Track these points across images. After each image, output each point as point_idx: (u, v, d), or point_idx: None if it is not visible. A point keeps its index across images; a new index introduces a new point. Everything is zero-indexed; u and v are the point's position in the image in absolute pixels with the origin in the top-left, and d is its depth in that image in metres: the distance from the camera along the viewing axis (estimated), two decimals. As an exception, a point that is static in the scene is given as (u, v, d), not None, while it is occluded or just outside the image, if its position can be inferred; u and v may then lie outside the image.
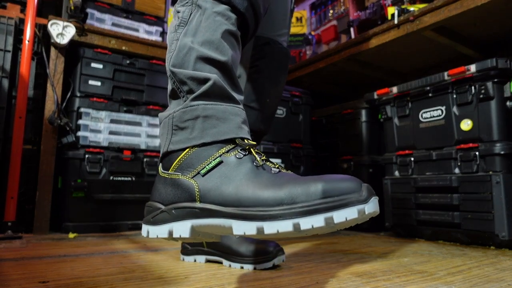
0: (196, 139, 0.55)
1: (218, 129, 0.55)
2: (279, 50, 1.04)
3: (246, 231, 0.47)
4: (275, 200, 0.47)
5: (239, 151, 0.54)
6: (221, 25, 0.61)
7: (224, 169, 0.52)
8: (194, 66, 0.58)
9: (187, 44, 0.60)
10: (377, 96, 1.71)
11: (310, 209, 0.45)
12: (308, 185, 0.46)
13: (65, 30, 1.59)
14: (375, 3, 1.82)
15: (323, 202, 0.45)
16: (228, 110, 0.57)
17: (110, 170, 1.66)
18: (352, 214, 0.44)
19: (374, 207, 0.46)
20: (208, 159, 0.53)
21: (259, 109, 1.02)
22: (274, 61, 1.03)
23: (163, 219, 0.54)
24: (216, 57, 0.59)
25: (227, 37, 0.62)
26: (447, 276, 0.83)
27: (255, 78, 1.01)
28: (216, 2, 0.63)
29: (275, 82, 1.04)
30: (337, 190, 0.45)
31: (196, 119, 0.56)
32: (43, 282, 0.73)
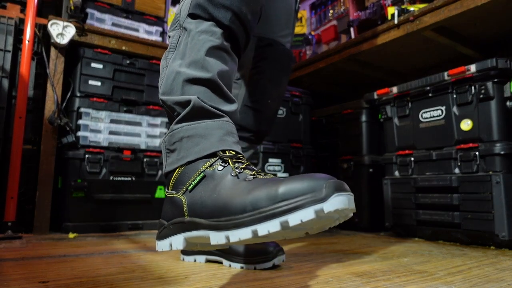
0: (183, 159, 0.58)
1: (201, 146, 0.58)
2: (281, 51, 1.04)
3: (218, 241, 0.49)
4: (240, 208, 0.48)
5: (220, 163, 0.56)
6: (206, 43, 0.63)
7: (207, 182, 0.55)
8: (182, 89, 0.62)
9: (174, 69, 0.64)
10: (377, 96, 1.71)
11: (267, 214, 0.45)
12: (269, 189, 0.47)
13: (65, 30, 1.59)
14: (375, 3, 1.82)
15: (279, 206, 0.45)
16: (210, 126, 0.59)
17: (110, 170, 1.66)
18: (307, 215, 0.43)
19: (337, 204, 0.43)
20: (194, 175, 0.56)
21: (260, 110, 1.02)
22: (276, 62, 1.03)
23: (165, 234, 0.59)
24: (202, 76, 0.61)
25: (214, 52, 0.63)
26: (447, 276, 0.83)
27: (257, 79, 1.01)
28: (200, 21, 0.65)
29: (277, 83, 1.04)
30: (294, 192, 0.45)
31: (181, 140, 0.59)
32: (43, 282, 0.73)
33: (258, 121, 1.02)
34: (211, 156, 0.57)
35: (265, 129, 1.03)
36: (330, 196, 0.43)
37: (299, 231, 0.47)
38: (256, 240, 0.47)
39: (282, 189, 0.46)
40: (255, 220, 0.46)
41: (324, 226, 0.48)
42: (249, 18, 0.69)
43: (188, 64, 0.63)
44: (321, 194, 0.44)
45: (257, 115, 1.02)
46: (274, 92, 1.03)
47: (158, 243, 0.60)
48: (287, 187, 0.46)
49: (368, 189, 1.82)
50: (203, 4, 0.65)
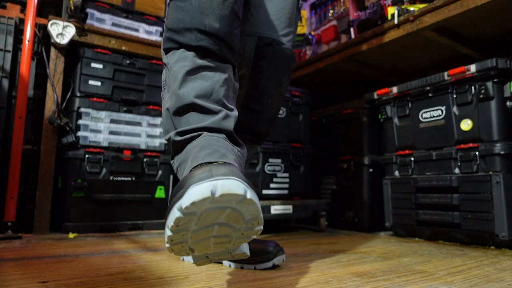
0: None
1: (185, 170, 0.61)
2: (282, 51, 1.04)
3: None
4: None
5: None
6: (180, 71, 0.67)
7: None
8: (173, 123, 0.67)
9: (164, 107, 0.69)
10: (377, 96, 1.71)
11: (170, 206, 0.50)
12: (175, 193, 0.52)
13: (65, 30, 1.59)
14: (375, 3, 1.82)
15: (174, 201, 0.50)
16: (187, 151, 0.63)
17: (110, 170, 1.66)
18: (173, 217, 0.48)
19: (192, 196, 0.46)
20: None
21: (260, 110, 1.01)
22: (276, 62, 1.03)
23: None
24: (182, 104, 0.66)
25: (190, 76, 0.67)
26: (447, 276, 0.83)
27: (257, 79, 1.01)
28: (173, 52, 0.69)
29: (277, 83, 1.03)
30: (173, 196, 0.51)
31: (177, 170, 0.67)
32: (43, 282, 0.73)
33: (258, 122, 1.01)
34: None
35: (265, 130, 1.03)
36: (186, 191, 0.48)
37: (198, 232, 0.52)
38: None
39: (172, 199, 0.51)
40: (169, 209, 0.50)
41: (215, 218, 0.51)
42: (217, 26, 0.69)
43: (170, 96, 0.68)
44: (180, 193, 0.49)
45: (257, 115, 1.01)
46: (274, 92, 1.03)
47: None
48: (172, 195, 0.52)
49: (368, 189, 1.82)
50: (169, 36, 0.69)
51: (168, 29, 0.70)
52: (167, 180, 1.80)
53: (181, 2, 0.70)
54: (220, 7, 0.71)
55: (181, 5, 0.69)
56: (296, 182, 1.83)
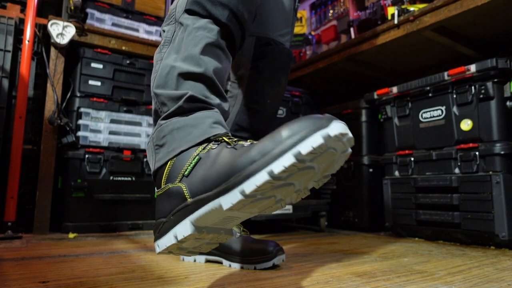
0: (175, 150, 0.57)
1: (193, 135, 0.57)
2: (280, 51, 1.04)
3: (232, 201, 0.47)
4: (247, 161, 0.47)
5: (213, 144, 0.56)
6: (202, 40, 0.63)
7: (203, 162, 0.54)
8: (176, 83, 0.61)
9: (169, 63, 0.63)
10: (377, 96, 1.71)
11: (278, 152, 0.44)
12: (273, 137, 0.46)
13: (65, 30, 1.59)
14: (375, 3, 1.82)
15: (288, 142, 0.44)
16: (199, 116, 0.59)
17: (110, 170, 1.66)
18: (316, 140, 0.43)
19: (340, 128, 0.44)
20: (189, 160, 0.55)
21: (259, 110, 1.01)
22: (274, 62, 1.03)
23: (166, 228, 0.55)
24: (197, 71, 0.61)
25: (210, 49, 0.64)
26: (447, 276, 0.83)
27: (256, 78, 1.01)
28: (197, 17, 0.65)
29: (276, 83, 1.03)
30: (297, 128, 0.44)
31: (171, 132, 0.59)
32: (43, 282, 0.73)
33: (257, 122, 1.01)
34: (203, 142, 0.57)
35: (265, 130, 1.03)
36: (331, 122, 0.44)
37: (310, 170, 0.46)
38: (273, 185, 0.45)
39: (286, 131, 0.45)
40: (267, 162, 0.44)
41: (331, 160, 0.48)
42: (246, 17, 0.69)
43: (183, 58, 0.62)
44: (323, 123, 0.44)
45: (256, 115, 1.01)
46: (273, 92, 1.03)
47: (159, 243, 0.55)
48: (289, 128, 0.45)
49: (368, 189, 1.82)
50: (201, 1, 0.65)
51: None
52: (167, 180, 1.80)
53: None
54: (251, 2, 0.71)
55: None
56: (296, 182, 1.83)
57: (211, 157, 0.53)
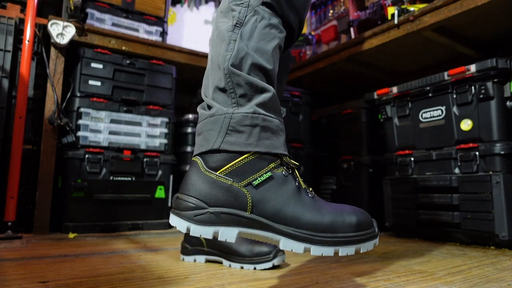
0: (251, 146, 0.56)
1: (271, 142, 0.57)
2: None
3: (294, 249, 0.55)
4: (321, 227, 0.55)
5: (285, 168, 0.58)
6: (275, 38, 0.64)
7: (273, 184, 0.56)
8: (248, 71, 0.60)
9: (244, 48, 0.61)
10: (377, 96, 1.71)
11: (347, 240, 0.55)
12: (344, 217, 0.56)
13: (65, 30, 1.59)
14: (375, 3, 1.82)
15: (356, 235, 0.56)
16: (280, 126, 0.60)
17: (110, 170, 1.66)
18: (370, 246, 0.57)
19: (378, 240, 0.59)
20: (261, 171, 0.56)
21: None
22: None
23: (210, 220, 0.54)
24: (268, 67, 0.61)
25: (276, 50, 0.64)
26: (447, 276, 0.83)
27: None
28: (273, 14, 0.65)
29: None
30: (364, 225, 0.57)
31: (255, 127, 0.57)
32: (43, 282, 0.73)
33: None
34: (276, 157, 0.58)
35: None
36: (378, 234, 0.58)
37: None
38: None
39: (357, 221, 0.56)
40: (338, 242, 0.55)
41: None
42: (302, 27, 0.71)
43: (255, 48, 0.61)
44: (375, 231, 0.58)
45: None
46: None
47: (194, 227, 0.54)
48: (358, 219, 0.57)
49: (368, 189, 1.82)
50: (280, 0, 0.65)
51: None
52: (167, 180, 1.80)
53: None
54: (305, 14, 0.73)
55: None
56: (296, 182, 1.83)
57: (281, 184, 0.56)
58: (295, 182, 0.57)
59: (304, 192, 0.57)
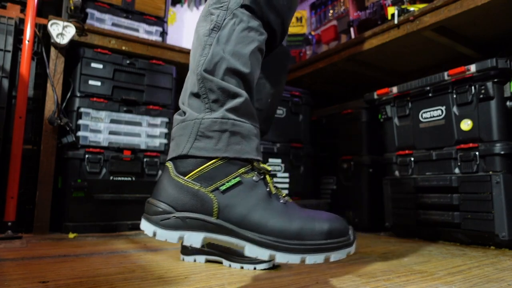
0: (220, 151, 0.56)
1: (241, 147, 0.57)
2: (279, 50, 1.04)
3: (259, 255, 0.53)
4: (289, 234, 0.53)
5: (256, 174, 0.57)
6: (253, 41, 0.63)
7: (241, 189, 0.55)
8: (223, 76, 0.59)
9: (219, 52, 0.60)
10: (377, 96, 1.71)
11: (315, 247, 0.53)
12: (314, 224, 0.54)
13: (65, 30, 1.59)
14: (375, 3, 1.82)
15: (326, 243, 0.53)
16: (252, 130, 0.59)
17: (110, 170, 1.66)
18: (343, 255, 0.54)
19: (355, 248, 0.56)
20: (229, 176, 0.55)
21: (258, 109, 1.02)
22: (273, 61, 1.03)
23: (176, 225, 0.55)
24: (244, 71, 0.61)
25: (256, 53, 0.64)
26: (447, 276, 0.83)
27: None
28: (253, 16, 0.64)
29: (275, 82, 1.03)
30: (336, 233, 0.54)
31: (224, 132, 0.57)
32: (43, 282, 0.73)
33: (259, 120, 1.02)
34: (247, 162, 0.57)
35: (265, 128, 1.03)
36: (353, 242, 0.55)
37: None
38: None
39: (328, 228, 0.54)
40: (306, 250, 0.52)
41: None
42: (286, 29, 0.71)
43: (232, 52, 0.61)
44: (350, 239, 0.55)
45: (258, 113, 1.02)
46: (274, 91, 1.03)
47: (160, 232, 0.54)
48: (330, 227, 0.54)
49: (368, 189, 1.82)
50: (260, 1, 0.64)
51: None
52: (167, 180, 1.80)
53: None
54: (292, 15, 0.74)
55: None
56: (296, 182, 1.83)
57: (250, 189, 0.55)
58: (266, 187, 0.56)
59: (275, 198, 0.56)
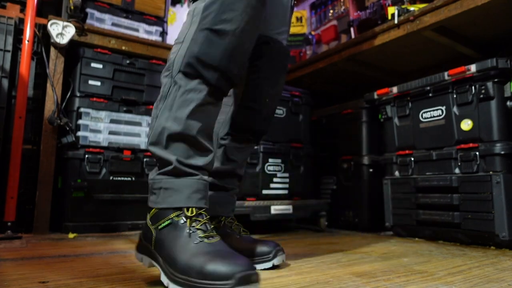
0: (158, 204, 0.73)
1: (173, 198, 0.72)
2: (278, 50, 1.03)
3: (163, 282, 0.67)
4: (181, 269, 0.64)
5: (183, 217, 0.70)
6: (192, 102, 0.73)
7: (171, 229, 0.70)
8: (166, 143, 0.73)
9: (162, 123, 0.74)
10: (377, 96, 1.71)
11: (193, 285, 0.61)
12: (201, 264, 0.62)
13: (65, 30, 1.59)
14: (375, 3, 1.82)
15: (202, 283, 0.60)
16: (182, 183, 0.73)
17: (110, 170, 1.66)
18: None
19: None
20: (164, 219, 0.71)
21: (258, 109, 1.01)
22: (273, 61, 1.02)
23: (142, 249, 0.77)
24: (184, 133, 0.73)
25: (198, 110, 0.74)
26: (447, 276, 0.83)
27: (254, 78, 1.01)
28: (188, 79, 0.74)
29: (274, 82, 1.03)
30: (214, 275, 0.60)
31: (160, 189, 0.73)
32: (43, 282, 0.73)
33: (256, 121, 1.01)
34: (178, 209, 0.71)
35: (263, 129, 1.03)
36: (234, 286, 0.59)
37: None
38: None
39: (207, 269, 0.61)
40: (187, 286, 0.62)
41: None
42: (235, 72, 0.78)
43: (173, 118, 0.73)
44: (230, 284, 0.59)
45: (255, 114, 1.01)
46: (272, 91, 1.03)
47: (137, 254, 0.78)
48: (210, 268, 0.61)
49: (368, 189, 1.82)
50: (193, 64, 0.73)
51: (196, 57, 0.73)
52: (167, 180, 1.80)
53: (216, 37, 0.74)
54: (242, 54, 0.79)
55: (215, 40, 0.74)
56: (296, 182, 1.83)
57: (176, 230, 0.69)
58: (187, 229, 0.68)
59: (194, 237, 0.67)
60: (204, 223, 0.70)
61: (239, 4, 0.76)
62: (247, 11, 0.77)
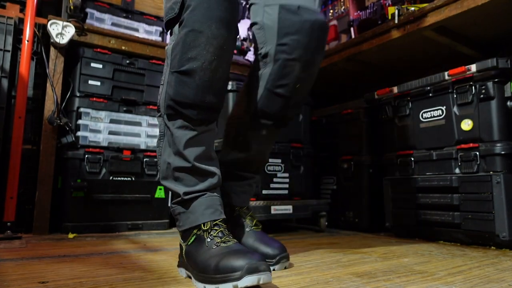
0: (182, 227, 0.82)
1: (190, 219, 0.80)
2: (312, 22, 0.87)
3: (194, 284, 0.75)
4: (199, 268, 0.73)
5: (202, 231, 0.78)
6: (183, 138, 0.79)
7: (195, 242, 0.78)
8: (173, 176, 0.82)
9: (166, 159, 0.83)
10: (377, 96, 1.70)
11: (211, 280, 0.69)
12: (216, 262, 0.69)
13: (65, 30, 1.59)
14: (376, 3, 1.82)
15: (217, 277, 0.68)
16: (193, 205, 0.80)
17: (110, 170, 1.66)
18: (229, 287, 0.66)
19: (248, 281, 0.65)
20: (190, 236, 0.80)
21: (286, 96, 0.90)
22: (305, 37, 0.87)
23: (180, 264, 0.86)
24: (184, 165, 0.80)
25: (190, 142, 0.79)
26: (448, 276, 0.83)
27: (283, 58, 0.88)
28: (173, 120, 0.80)
29: (308, 64, 0.89)
30: (224, 269, 0.67)
31: (179, 214, 0.83)
32: (43, 282, 0.73)
33: (283, 107, 0.91)
34: (197, 226, 0.79)
35: (290, 115, 0.95)
36: (244, 276, 0.65)
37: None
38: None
39: (221, 265, 0.68)
40: (205, 281, 0.71)
41: None
42: (215, 101, 0.79)
43: (174, 153, 0.81)
44: (236, 275, 0.65)
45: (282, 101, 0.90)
46: (304, 74, 0.89)
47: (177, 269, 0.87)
48: (223, 263, 0.68)
49: (368, 189, 1.81)
50: (172, 106, 0.79)
51: (172, 99, 0.78)
52: (167, 180, 1.80)
53: (185, 77, 0.77)
54: (217, 81, 0.79)
55: (185, 80, 0.77)
56: (296, 182, 1.82)
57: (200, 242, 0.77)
58: (205, 239, 0.77)
59: (211, 244, 0.75)
60: (221, 230, 0.78)
61: (201, 39, 0.75)
62: (211, 42, 0.75)
